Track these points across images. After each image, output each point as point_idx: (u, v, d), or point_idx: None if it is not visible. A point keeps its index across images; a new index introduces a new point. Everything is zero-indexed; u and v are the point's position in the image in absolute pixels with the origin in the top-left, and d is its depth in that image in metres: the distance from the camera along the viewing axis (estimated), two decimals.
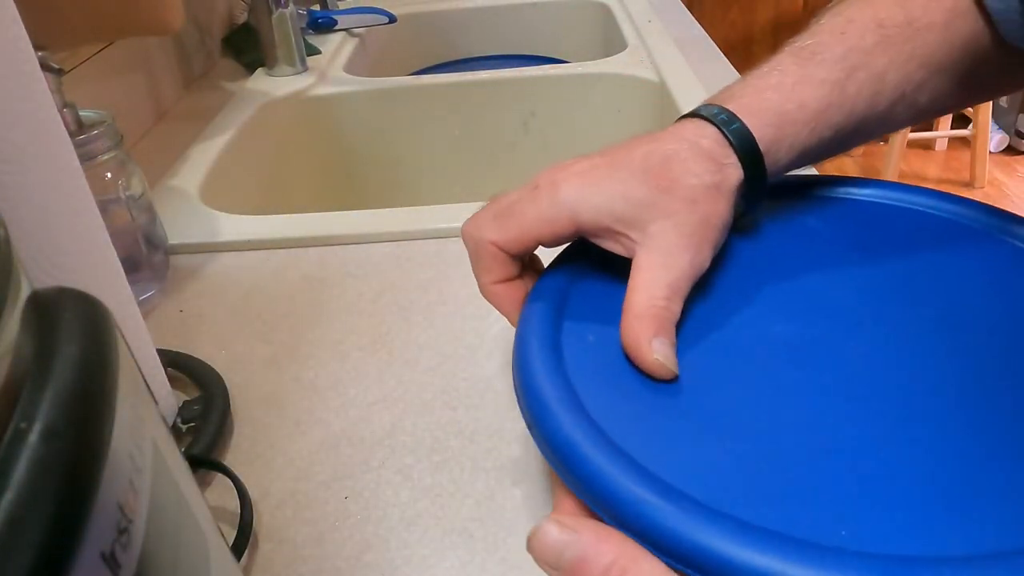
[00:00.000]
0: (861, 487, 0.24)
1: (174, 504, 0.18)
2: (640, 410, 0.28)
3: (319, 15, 1.06)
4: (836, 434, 0.26)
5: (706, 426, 0.27)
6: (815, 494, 0.24)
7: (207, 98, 0.89)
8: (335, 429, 0.42)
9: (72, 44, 0.64)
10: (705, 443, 0.26)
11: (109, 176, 0.51)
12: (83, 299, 0.16)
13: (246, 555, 0.35)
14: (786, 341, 0.31)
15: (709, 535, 0.22)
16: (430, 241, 0.59)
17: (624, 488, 0.24)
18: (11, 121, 0.30)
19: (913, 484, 0.24)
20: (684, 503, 0.23)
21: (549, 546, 0.23)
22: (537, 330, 0.31)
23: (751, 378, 0.29)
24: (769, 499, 0.24)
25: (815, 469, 0.25)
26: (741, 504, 0.24)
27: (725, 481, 0.25)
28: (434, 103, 0.93)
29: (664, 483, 0.24)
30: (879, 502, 0.24)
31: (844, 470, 0.25)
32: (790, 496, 0.24)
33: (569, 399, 0.27)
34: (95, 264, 0.36)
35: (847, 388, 0.28)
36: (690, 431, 0.27)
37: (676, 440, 0.26)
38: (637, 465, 0.25)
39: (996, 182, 2.50)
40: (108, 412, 0.15)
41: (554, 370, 0.29)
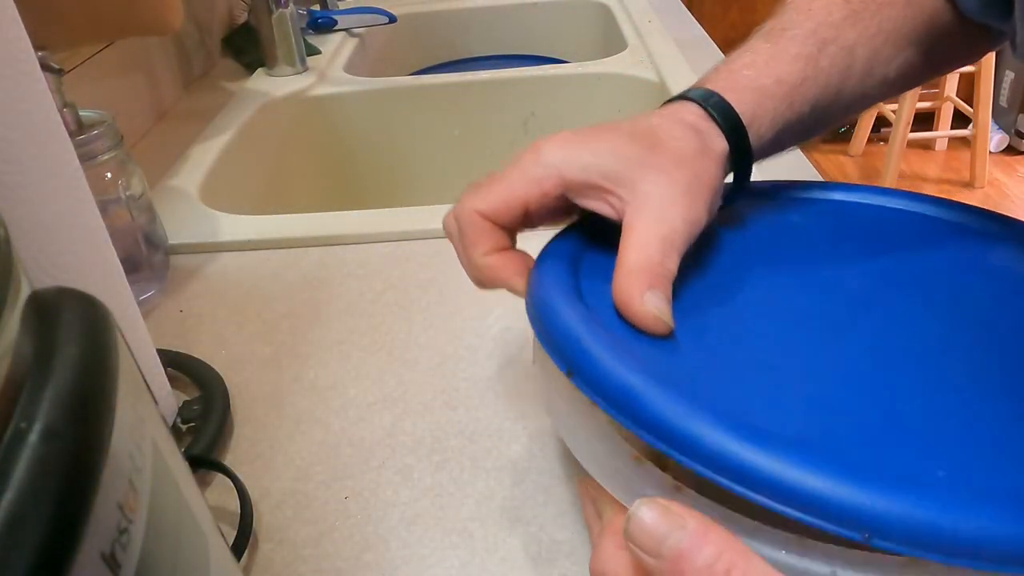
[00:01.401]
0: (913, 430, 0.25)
1: (174, 504, 0.18)
2: (677, 359, 0.28)
3: (319, 15, 1.06)
4: (869, 387, 0.27)
5: (744, 373, 0.27)
6: (875, 435, 0.25)
7: (207, 98, 0.89)
8: (335, 429, 0.42)
9: (72, 44, 0.64)
10: (752, 383, 0.27)
11: (109, 176, 0.51)
12: (83, 299, 0.16)
13: (246, 555, 0.35)
14: (794, 311, 0.31)
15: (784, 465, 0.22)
16: (430, 241, 0.59)
17: (699, 420, 0.23)
18: (11, 121, 0.30)
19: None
20: (760, 436, 0.23)
21: (650, 531, 0.22)
22: (558, 280, 0.30)
23: (772, 337, 0.30)
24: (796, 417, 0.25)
25: (865, 415, 0.26)
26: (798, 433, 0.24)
27: (783, 416, 0.25)
28: (434, 103, 0.93)
29: (734, 415, 0.23)
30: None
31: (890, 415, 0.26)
32: (843, 433, 0.25)
33: (611, 343, 0.26)
34: (95, 264, 0.36)
35: (862, 349, 0.29)
36: (730, 376, 0.27)
37: (719, 379, 0.27)
38: (697, 397, 0.24)
39: (996, 182, 2.50)
40: (108, 412, 0.15)
41: (585, 316, 0.28)
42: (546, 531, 0.36)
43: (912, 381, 0.27)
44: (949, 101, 2.52)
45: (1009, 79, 2.59)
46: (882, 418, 0.26)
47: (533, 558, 0.35)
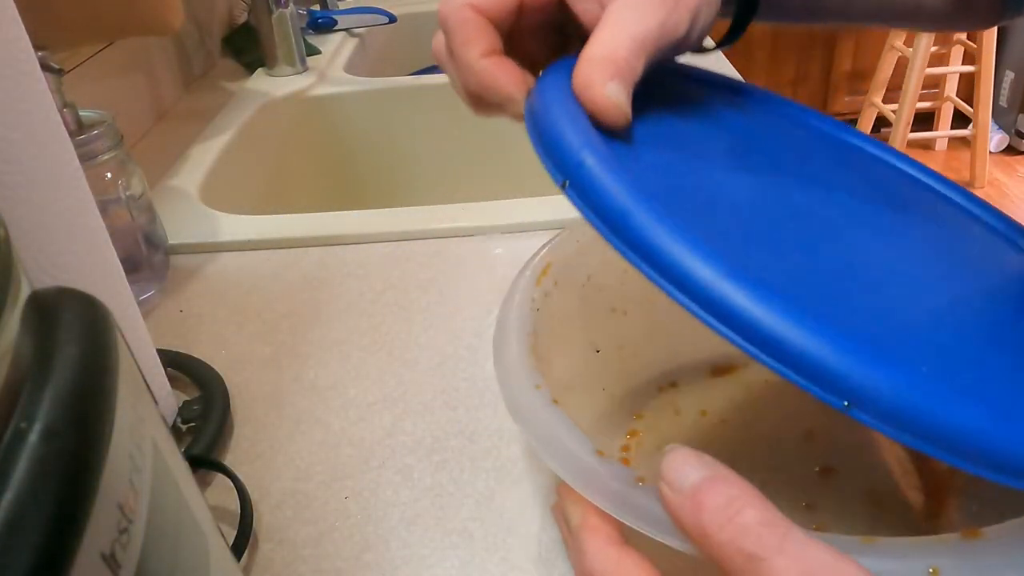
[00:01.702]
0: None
1: (174, 504, 0.18)
2: (679, 193, 0.27)
3: (319, 15, 1.06)
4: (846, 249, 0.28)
5: (738, 222, 0.27)
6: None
7: (207, 98, 0.89)
8: (335, 429, 0.42)
9: (72, 44, 0.64)
10: (748, 233, 0.27)
11: (109, 176, 0.51)
12: (83, 299, 0.16)
13: (246, 555, 0.35)
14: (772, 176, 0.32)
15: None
16: (430, 241, 0.59)
17: (691, 248, 0.23)
18: (11, 121, 0.30)
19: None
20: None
21: (679, 463, 0.23)
22: (560, 91, 0.28)
23: (767, 204, 0.30)
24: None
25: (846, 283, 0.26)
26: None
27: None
28: (434, 103, 0.93)
29: (727, 254, 0.23)
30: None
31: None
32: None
33: (611, 157, 0.25)
34: (95, 264, 0.36)
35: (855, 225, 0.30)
36: (724, 219, 0.27)
37: (713, 218, 0.26)
38: (690, 227, 0.23)
39: (996, 182, 2.50)
40: (108, 412, 0.15)
41: (587, 129, 0.26)
42: (546, 531, 0.36)
43: (904, 268, 0.28)
44: (949, 101, 2.52)
45: (1009, 79, 2.59)
46: (878, 297, 0.26)
47: (533, 558, 0.35)
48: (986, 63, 2.29)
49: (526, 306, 0.36)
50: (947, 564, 0.22)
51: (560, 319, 0.39)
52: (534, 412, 0.29)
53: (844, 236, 0.30)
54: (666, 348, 0.44)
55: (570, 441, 0.28)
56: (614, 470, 0.27)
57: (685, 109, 0.33)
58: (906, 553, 0.23)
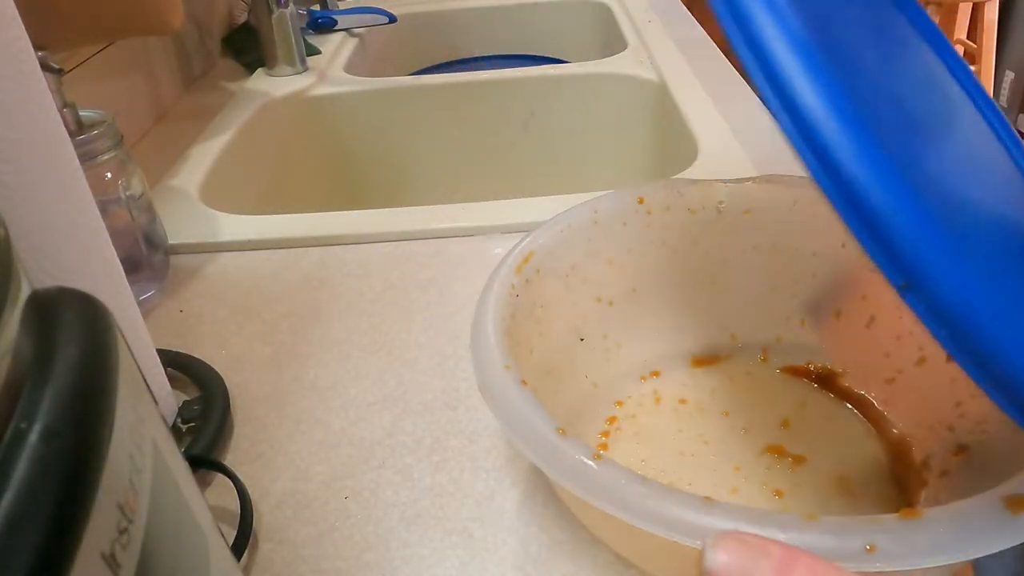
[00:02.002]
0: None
1: (174, 504, 0.18)
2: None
3: (319, 15, 1.06)
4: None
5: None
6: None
7: (207, 98, 0.89)
8: (335, 429, 0.42)
9: (72, 44, 0.64)
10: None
11: (109, 176, 0.51)
12: (83, 299, 0.16)
13: (246, 555, 0.35)
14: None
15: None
16: (430, 241, 0.59)
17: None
18: (11, 121, 0.30)
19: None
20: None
21: (733, 568, 0.19)
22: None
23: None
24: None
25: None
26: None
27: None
28: (434, 103, 0.93)
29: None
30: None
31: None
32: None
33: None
34: (95, 264, 0.36)
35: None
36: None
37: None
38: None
39: None
40: (108, 412, 0.15)
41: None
42: (546, 531, 0.36)
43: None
44: None
45: (1009, 79, 2.59)
46: (965, 197, 0.27)
47: (533, 558, 0.35)
48: (986, 63, 2.29)
49: (504, 291, 0.36)
50: (884, 541, 0.23)
51: (542, 306, 0.39)
52: (501, 390, 0.31)
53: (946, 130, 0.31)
54: (649, 339, 0.45)
55: (534, 418, 0.29)
56: (575, 446, 0.28)
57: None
58: (844, 530, 0.24)
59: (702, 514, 0.25)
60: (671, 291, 0.45)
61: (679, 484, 0.38)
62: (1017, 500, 0.24)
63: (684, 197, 0.44)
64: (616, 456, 0.39)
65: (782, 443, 0.40)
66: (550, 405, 0.30)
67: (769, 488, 0.37)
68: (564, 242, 0.41)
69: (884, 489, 0.37)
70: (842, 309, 0.43)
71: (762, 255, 0.45)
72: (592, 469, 0.27)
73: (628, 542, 0.32)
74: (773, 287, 0.45)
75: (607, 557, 0.34)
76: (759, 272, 0.45)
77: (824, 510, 0.36)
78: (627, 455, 0.40)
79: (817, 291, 0.44)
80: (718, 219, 0.44)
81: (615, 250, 0.43)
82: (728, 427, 0.41)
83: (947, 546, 0.23)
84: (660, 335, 0.45)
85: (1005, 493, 0.25)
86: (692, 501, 0.25)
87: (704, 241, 0.45)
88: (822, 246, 0.43)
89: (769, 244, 0.44)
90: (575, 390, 0.41)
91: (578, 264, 0.42)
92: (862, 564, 0.23)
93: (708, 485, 0.38)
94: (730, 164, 0.64)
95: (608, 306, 0.43)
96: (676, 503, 0.25)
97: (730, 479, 0.38)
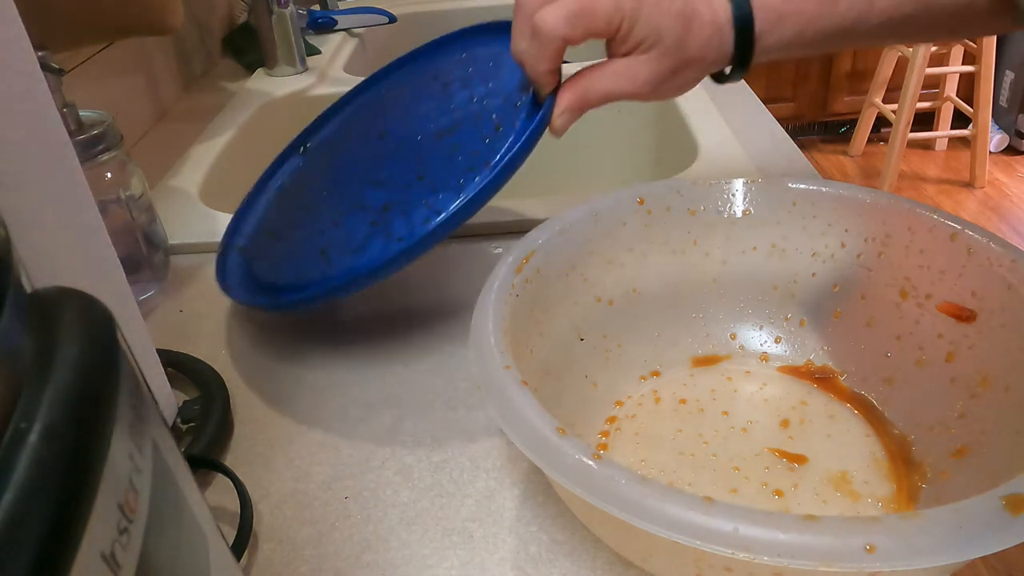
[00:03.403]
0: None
1: (174, 504, 0.18)
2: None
3: (319, 15, 1.06)
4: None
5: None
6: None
7: (207, 98, 0.89)
8: (335, 429, 0.42)
9: (72, 44, 0.64)
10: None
11: (109, 176, 0.51)
12: (83, 299, 0.16)
13: (246, 555, 0.35)
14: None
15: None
16: None
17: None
18: (11, 121, 0.30)
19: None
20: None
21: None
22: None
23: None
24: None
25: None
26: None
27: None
28: None
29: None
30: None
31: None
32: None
33: None
34: (95, 264, 0.36)
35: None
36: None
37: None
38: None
39: (996, 182, 2.50)
40: (108, 412, 0.15)
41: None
42: (546, 531, 0.36)
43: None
44: (949, 101, 2.52)
45: (1009, 79, 2.59)
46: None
47: (533, 558, 0.35)
48: (986, 63, 2.29)
49: (504, 291, 0.37)
50: (884, 541, 0.23)
51: (542, 306, 0.40)
52: (501, 390, 0.31)
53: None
54: (649, 339, 0.45)
55: (534, 418, 0.29)
56: (575, 446, 0.28)
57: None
58: (845, 531, 0.24)
59: (702, 514, 0.25)
60: (671, 291, 0.45)
61: (679, 484, 0.38)
62: (1017, 500, 0.24)
63: (684, 197, 0.44)
64: (616, 456, 0.39)
65: (782, 443, 0.40)
66: (550, 405, 0.30)
67: (769, 488, 0.37)
68: (564, 242, 0.41)
69: (884, 489, 0.37)
70: (842, 309, 0.43)
71: (762, 255, 0.45)
72: (592, 469, 0.27)
73: (628, 542, 0.32)
74: (773, 287, 0.45)
75: (607, 557, 0.34)
76: (759, 272, 0.45)
77: (824, 510, 0.36)
78: (627, 455, 0.40)
79: (817, 291, 0.44)
80: (718, 219, 0.44)
81: (615, 250, 0.43)
82: (728, 427, 0.41)
83: (947, 546, 0.23)
84: (660, 335, 0.45)
85: (1005, 493, 0.25)
86: (692, 501, 0.25)
87: (704, 241, 0.45)
88: (822, 246, 0.43)
89: (769, 244, 0.44)
90: (575, 390, 0.41)
91: (578, 264, 0.42)
92: (862, 564, 0.23)
93: (708, 485, 0.38)
94: (730, 164, 0.64)
95: (608, 306, 0.43)
96: (676, 503, 0.25)
97: (730, 479, 0.38)
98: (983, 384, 0.36)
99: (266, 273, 0.49)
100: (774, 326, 0.45)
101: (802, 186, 0.43)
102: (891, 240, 0.41)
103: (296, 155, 0.58)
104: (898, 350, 0.40)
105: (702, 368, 0.45)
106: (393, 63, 0.59)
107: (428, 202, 0.44)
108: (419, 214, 0.44)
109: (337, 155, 0.55)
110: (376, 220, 0.46)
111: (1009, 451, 0.33)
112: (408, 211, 0.45)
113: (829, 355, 0.44)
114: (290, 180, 0.56)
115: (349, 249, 0.46)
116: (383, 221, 0.46)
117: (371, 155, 0.52)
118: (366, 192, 0.49)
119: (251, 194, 0.58)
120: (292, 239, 0.51)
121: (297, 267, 0.48)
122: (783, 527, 0.24)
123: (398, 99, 0.56)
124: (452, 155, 0.47)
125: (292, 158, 0.59)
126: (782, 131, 0.71)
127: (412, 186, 0.47)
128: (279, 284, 0.48)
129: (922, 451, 0.38)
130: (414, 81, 0.55)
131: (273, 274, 0.49)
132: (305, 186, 0.54)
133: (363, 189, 0.50)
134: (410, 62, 0.57)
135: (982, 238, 0.37)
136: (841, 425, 0.41)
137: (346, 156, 0.54)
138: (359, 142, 0.54)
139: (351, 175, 0.52)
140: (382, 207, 0.47)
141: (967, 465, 0.35)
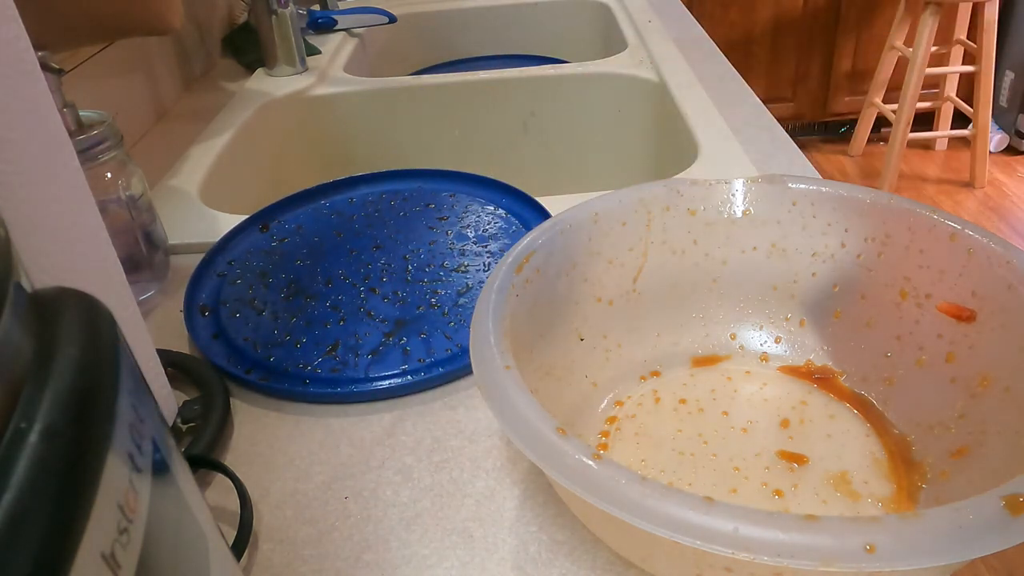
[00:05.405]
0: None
1: (174, 504, 0.18)
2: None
3: (319, 15, 1.06)
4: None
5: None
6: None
7: (207, 98, 0.89)
8: (335, 429, 0.42)
9: (72, 44, 0.64)
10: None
11: (109, 176, 0.51)
12: (83, 299, 0.16)
13: (246, 555, 0.35)
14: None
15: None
16: None
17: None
18: (11, 121, 0.30)
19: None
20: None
21: None
22: None
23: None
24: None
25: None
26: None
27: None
28: (434, 103, 0.93)
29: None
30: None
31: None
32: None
33: None
34: (95, 264, 0.36)
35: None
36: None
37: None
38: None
39: (996, 182, 2.50)
40: (108, 412, 0.15)
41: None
42: (546, 531, 0.36)
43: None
44: (949, 101, 2.52)
45: (1009, 79, 2.59)
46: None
47: (533, 558, 0.35)
48: (986, 63, 2.29)
49: (504, 291, 0.37)
50: (884, 541, 0.23)
51: (543, 306, 0.40)
52: (501, 390, 0.31)
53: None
54: (649, 339, 0.45)
55: (534, 418, 0.29)
56: (575, 446, 0.28)
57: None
58: (844, 530, 0.24)
59: (702, 514, 0.25)
60: (671, 291, 0.45)
61: (679, 484, 0.38)
62: (1017, 500, 0.24)
63: (684, 197, 0.44)
64: (616, 456, 0.39)
65: (782, 443, 0.40)
66: (550, 405, 0.30)
67: (769, 488, 0.37)
68: (564, 242, 0.41)
69: (884, 489, 0.37)
70: (842, 309, 0.43)
71: (762, 255, 0.45)
72: (592, 469, 0.27)
73: (628, 542, 0.32)
74: (773, 287, 0.45)
75: (607, 557, 0.34)
76: (759, 272, 0.45)
77: (824, 510, 0.36)
78: (627, 455, 0.40)
79: (817, 291, 0.44)
80: (718, 219, 0.44)
81: (615, 250, 0.43)
82: (728, 427, 0.41)
83: (947, 546, 0.23)
84: (660, 335, 0.45)
85: (1005, 493, 0.25)
86: (692, 501, 0.25)
87: (704, 241, 0.45)
88: (822, 246, 0.43)
89: (769, 244, 0.44)
90: (575, 390, 0.41)
91: (578, 264, 0.42)
92: (862, 564, 0.23)
93: (708, 485, 0.38)
94: (730, 164, 0.64)
95: (608, 306, 0.44)
96: (676, 503, 0.25)
97: (730, 479, 0.38)
98: (983, 384, 0.36)
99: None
100: (774, 326, 0.45)
101: (802, 186, 0.43)
102: (891, 240, 0.41)
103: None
104: (898, 350, 0.40)
105: (702, 368, 0.45)
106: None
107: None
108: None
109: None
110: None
111: (1009, 451, 0.33)
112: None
113: (829, 355, 0.44)
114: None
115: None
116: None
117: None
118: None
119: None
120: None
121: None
122: (783, 527, 0.24)
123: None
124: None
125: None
126: (782, 131, 0.71)
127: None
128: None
129: (922, 451, 0.38)
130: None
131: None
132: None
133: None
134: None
135: (982, 238, 0.37)
136: (841, 425, 0.41)
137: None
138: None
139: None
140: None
141: (967, 465, 0.35)
